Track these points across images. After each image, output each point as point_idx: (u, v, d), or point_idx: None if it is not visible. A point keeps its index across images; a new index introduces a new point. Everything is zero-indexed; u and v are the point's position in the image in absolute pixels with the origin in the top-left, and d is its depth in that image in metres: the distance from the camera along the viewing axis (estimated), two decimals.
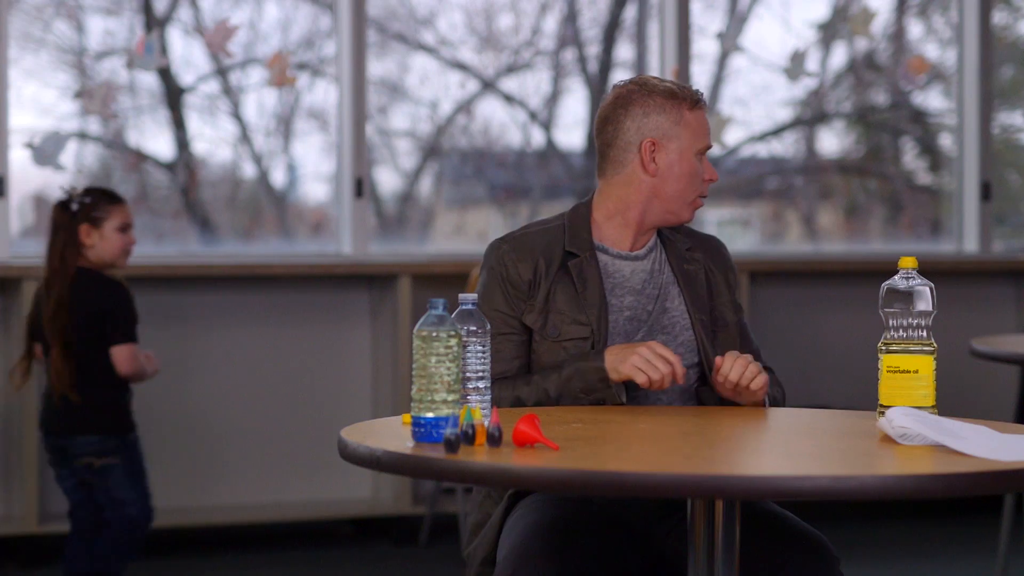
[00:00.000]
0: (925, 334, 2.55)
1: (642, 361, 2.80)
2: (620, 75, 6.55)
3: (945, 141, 6.86)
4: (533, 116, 6.43)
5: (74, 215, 4.22)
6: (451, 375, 2.33)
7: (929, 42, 6.96)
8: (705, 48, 6.46)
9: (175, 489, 5.58)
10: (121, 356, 4.19)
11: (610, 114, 3.00)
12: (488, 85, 6.35)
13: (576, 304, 2.93)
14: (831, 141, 6.97)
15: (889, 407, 2.50)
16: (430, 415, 2.33)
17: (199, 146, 6.02)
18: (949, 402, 3.29)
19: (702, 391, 2.99)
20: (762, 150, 6.83)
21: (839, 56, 6.82)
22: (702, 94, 3.04)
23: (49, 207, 4.40)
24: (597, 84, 6.48)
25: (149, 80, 5.86)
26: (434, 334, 2.33)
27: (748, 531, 2.61)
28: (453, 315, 2.41)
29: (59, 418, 4.23)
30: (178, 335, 5.63)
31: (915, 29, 7.26)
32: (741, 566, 2.49)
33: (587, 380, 2.85)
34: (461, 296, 2.50)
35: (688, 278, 3.03)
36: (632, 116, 2.97)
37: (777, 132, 6.77)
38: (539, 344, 2.93)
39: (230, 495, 5.67)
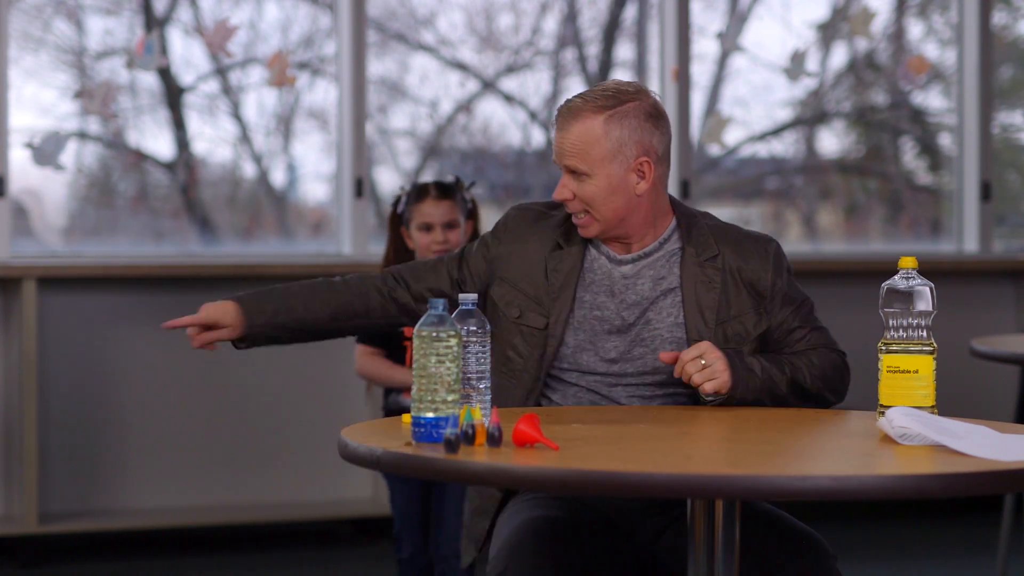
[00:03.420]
0: (925, 334, 2.55)
1: None
2: (620, 75, 6.55)
3: (945, 141, 6.86)
4: (533, 116, 6.43)
5: (399, 216, 4.25)
6: (451, 375, 2.33)
7: (929, 42, 6.96)
8: (705, 48, 6.46)
9: (174, 489, 5.58)
10: (355, 354, 4.15)
11: None
12: (488, 85, 6.35)
13: (546, 294, 2.94)
14: (831, 141, 6.97)
15: (889, 407, 2.50)
16: (430, 415, 2.33)
17: (199, 146, 6.02)
18: (949, 402, 3.29)
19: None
20: (762, 150, 6.83)
21: (839, 56, 6.82)
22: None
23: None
24: (597, 84, 6.48)
25: (149, 80, 5.86)
26: (434, 334, 2.33)
27: (744, 531, 2.61)
28: (453, 315, 2.41)
29: None
30: (178, 335, 5.62)
31: (915, 29, 7.26)
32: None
33: None
34: (461, 296, 2.50)
35: (698, 290, 2.91)
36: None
37: (777, 132, 6.77)
38: (499, 321, 2.94)
39: (230, 494, 5.67)
